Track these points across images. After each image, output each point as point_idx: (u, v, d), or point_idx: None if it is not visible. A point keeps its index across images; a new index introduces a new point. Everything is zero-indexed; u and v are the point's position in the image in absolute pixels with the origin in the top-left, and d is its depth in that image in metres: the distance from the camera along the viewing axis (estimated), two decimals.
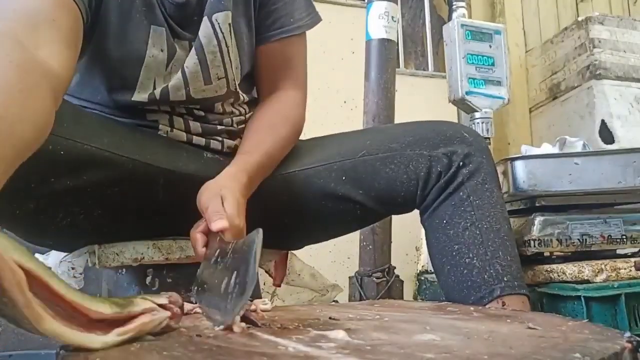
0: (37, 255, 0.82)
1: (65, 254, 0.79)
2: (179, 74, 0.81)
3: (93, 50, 0.78)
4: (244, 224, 0.66)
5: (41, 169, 0.64)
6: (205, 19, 0.82)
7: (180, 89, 0.81)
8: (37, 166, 0.62)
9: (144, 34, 0.78)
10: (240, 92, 0.89)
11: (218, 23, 0.83)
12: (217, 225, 0.62)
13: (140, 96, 0.80)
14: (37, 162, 0.61)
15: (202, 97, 0.84)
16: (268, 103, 0.90)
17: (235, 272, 0.51)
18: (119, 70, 0.79)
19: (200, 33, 0.82)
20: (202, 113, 0.86)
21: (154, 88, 0.80)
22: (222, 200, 0.66)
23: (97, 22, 0.75)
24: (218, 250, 0.61)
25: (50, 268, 0.41)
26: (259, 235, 0.52)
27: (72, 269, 0.76)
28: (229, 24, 0.84)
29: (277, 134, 0.84)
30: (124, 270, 0.79)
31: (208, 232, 0.66)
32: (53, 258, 0.79)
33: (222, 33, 0.83)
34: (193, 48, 0.82)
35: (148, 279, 0.79)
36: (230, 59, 0.85)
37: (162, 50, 0.79)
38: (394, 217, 1.40)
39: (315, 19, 0.93)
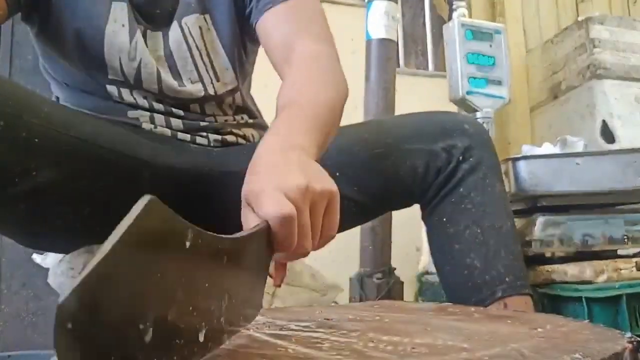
0: (35, 255, 0.82)
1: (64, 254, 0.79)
2: (153, 66, 0.80)
3: (56, 33, 0.78)
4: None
5: (20, 157, 0.63)
6: (174, 23, 0.81)
7: (153, 83, 0.81)
8: (15, 154, 0.62)
9: (105, 9, 0.77)
10: (227, 96, 0.87)
11: (187, 27, 0.82)
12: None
13: (113, 74, 0.79)
14: (14, 149, 0.60)
15: (175, 97, 0.83)
16: (293, 71, 0.71)
17: None
18: (83, 47, 0.78)
19: (170, 39, 0.81)
20: (181, 112, 0.84)
21: (121, 66, 0.79)
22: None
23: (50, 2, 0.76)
24: None
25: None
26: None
27: (71, 269, 0.76)
28: (200, 27, 0.82)
29: (320, 87, 0.68)
30: None
31: None
32: (51, 259, 0.79)
33: (192, 37, 0.82)
34: (161, 50, 0.81)
35: None
36: (204, 63, 0.83)
37: (123, 26, 0.78)
38: (394, 216, 1.40)
39: None
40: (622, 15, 2.33)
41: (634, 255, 1.06)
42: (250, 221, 0.46)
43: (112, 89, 0.81)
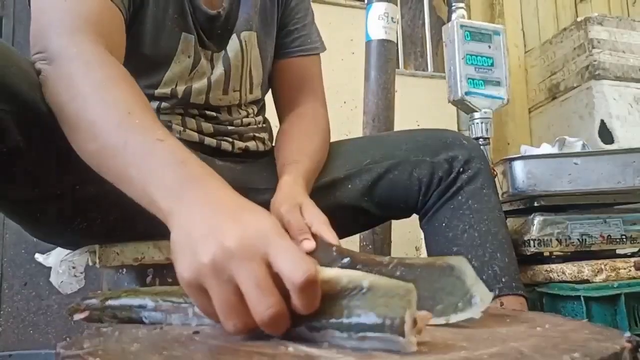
0: (37, 255, 0.82)
1: (66, 253, 0.79)
2: (205, 80, 0.85)
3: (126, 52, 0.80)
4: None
5: (69, 177, 0.64)
6: (234, 35, 0.87)
7: (202, 93, 0.85)
8: (65, 174, 0.62)
9: (175, 40, 0.81)
10: (250, 107, 0.94)
11: (245, 40, 0.88)
12: (307, 246, 0.60)
13: (162, 91, 0.82)
14: (65, 170, 0.61)
15: (217, 105, 0.88)
16: (295, 115, 0.93)
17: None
18: (146, 71, 0.81)
19: (229, 47, 0.87)
20: (213, 114, 0.88)
21: (176, 87, 0.83)
22: (300, 209, 0.66)
23: (132, 28, 0.77)
24: (348, 259, 0.57)
25: None
26: (465, 261, 0.50)
27: (73, 268, 0.76)
28: (252, 44, 0.89)
29: (313, 141, 0.87)
30: (124, 269, 0.80)
31: None
32: (54, 257, 0.79)
33: (246, 50, 0.88)
34: (221, 59, 0.86)
35: (148, 279, 0.79)
36: (246, 75, 0.90)
37: (189, 57, 0.83)
38: None
39: (324, 45, 1.01)
40: (621, 15, 2.33)
41: (632, 255, 1.06)
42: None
43: (153, 103, 0.83)
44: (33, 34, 0.64)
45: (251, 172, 0.90)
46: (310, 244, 0.60)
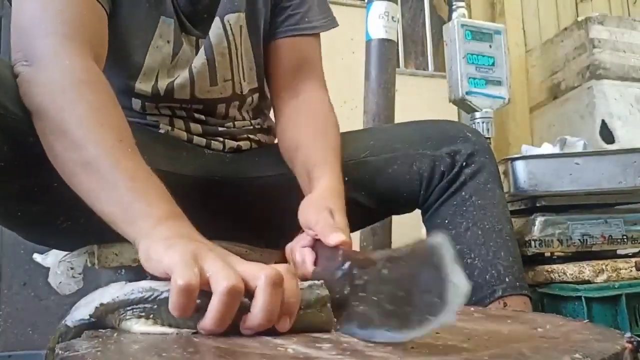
0: (35, 255, 0.82)
1: (65, 254, 0.79)
2: (186, 72, 0.80)
3: None
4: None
5: (43, 175, 0.62)
6: (217, 19, 0.81)
7: (186, 87, 0.80)
8: (39, 172, 0.61)
9: (152, 24, 0.76)
10: (249, 96, 0.88)
11: (229, 24, 0.82)
12: (336, 238, 0.57)
13: (143, 86, 0.78)
14: (38, 168, 0.60)
15: (206, 98, 0.83)
16: (302, 106, 0.85)
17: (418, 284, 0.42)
18: (123, 57, 0.77)
19: (211, 33, 0.81)
20: (202, 117, 0.84)
21: (157, 81, 0.78)
22: (331, 215, 0.62)
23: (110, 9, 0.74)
24: (348, 264, 0.52)
25: None
26: (444, 241, 0.44)
27: (71, 269, 0.76)
28: (240, 26, 0.83)
29: (332, 139, 0.80)
30: (122, 270, 0.79)
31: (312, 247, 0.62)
32: (52, 258, 0.79)
33: (233, 35, 0.82)
34: (202, 47, 0.81)
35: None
36: (238, 62, 0.84)
37: (168, 42, 0.78)
38: (394, 217, 1.40)
39: (330, 23, 0.91)
40: (622, 15, 2.33)
41: (634, 255, 1.06)
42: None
43: (136, 102, 0.80)
44: (17, 36, 0.62)
45: (241, 160, 0.86)
46: (339, 236, 0.58)
